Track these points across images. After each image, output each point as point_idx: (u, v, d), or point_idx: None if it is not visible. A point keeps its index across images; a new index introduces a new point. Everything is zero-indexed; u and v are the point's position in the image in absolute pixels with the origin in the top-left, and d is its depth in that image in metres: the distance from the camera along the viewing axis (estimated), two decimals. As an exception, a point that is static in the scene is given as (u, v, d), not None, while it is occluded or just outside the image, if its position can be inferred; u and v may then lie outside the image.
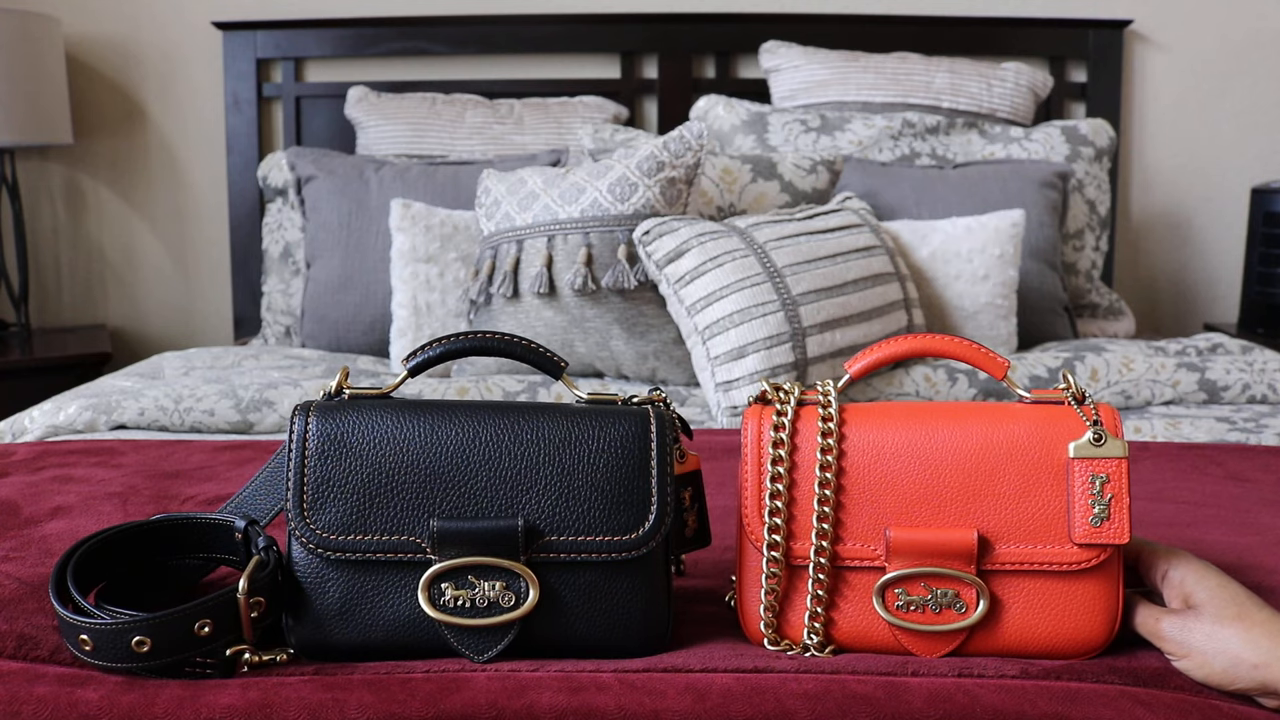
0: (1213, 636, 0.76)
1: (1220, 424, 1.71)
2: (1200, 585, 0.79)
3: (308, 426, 0.81)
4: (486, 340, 0.88)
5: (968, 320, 2.04)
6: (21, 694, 0.71)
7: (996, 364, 0.85)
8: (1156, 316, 3.03)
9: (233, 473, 1.36)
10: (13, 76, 2.53)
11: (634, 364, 1.91)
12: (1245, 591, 0.78)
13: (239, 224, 2.85)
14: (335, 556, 0.79)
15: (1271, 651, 0.74)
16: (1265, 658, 0.74)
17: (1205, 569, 0.80)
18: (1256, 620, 0.76)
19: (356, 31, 2.81)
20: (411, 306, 2.07)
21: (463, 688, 0.73)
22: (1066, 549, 0.79)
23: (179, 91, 2.91)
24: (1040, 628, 0.80)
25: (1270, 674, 0.74)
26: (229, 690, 0.72)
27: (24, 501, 1.19)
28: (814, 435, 0.82)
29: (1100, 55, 2.85)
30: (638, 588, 0.80)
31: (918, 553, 0.79)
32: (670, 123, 2.79)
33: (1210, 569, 0.81)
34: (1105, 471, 0.79)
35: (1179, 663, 0.78)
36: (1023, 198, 2.29)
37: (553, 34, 2.82)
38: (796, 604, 0.82)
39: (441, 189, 2.32)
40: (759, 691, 0.73)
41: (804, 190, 2.17)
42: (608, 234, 1.87)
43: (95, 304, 3.01)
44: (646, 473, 0.81)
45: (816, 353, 1.72)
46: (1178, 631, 0.78)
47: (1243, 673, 0.75)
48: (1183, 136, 2.95)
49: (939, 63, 2.68)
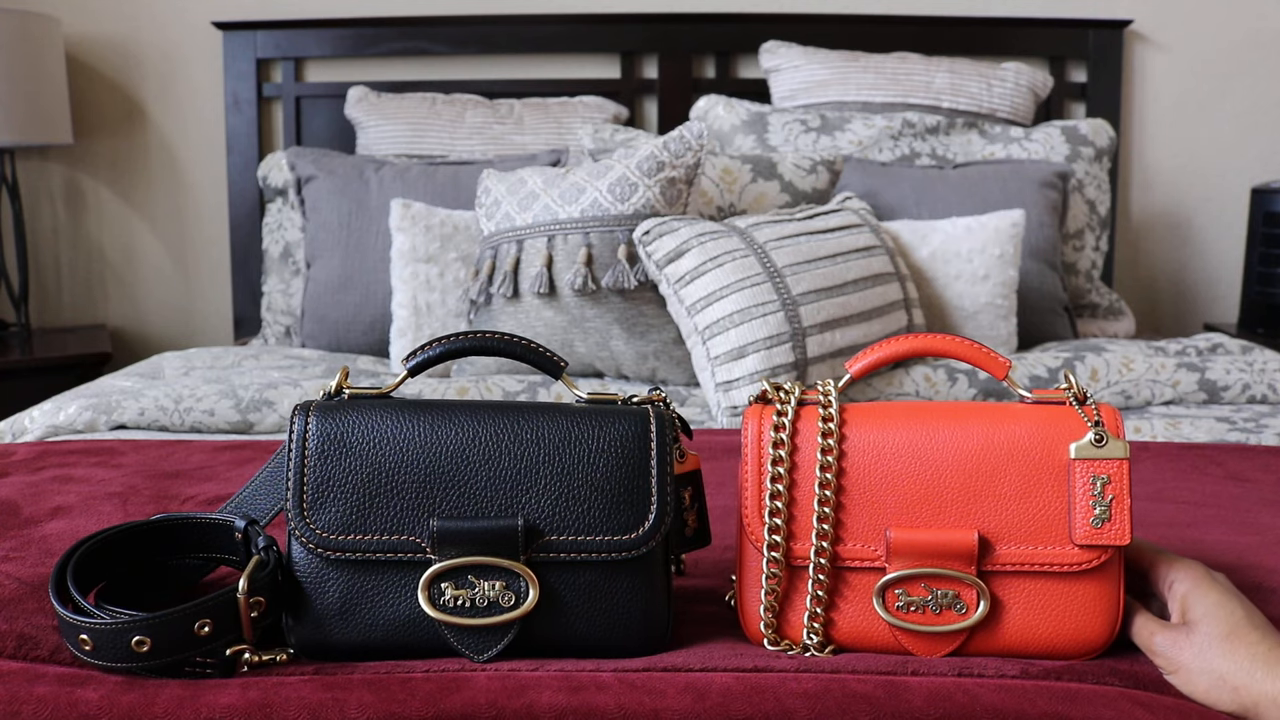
0: (1200, 655, 0.75)
1: (1220, 424, 1.71)
2: (1199, 601, 0.77)
3: (307, 426, 0.81)
4: (486, 340, 0.88)
5: (968, 320, 2.04)
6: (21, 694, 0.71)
7: (998, 364, 0.85)
8: (1156, 316, 3.03)
9: (233, 473, 1.36)
10: (13, 76, 2.53)
11: (634, 364, 1.91)
12: (1246, 611, 0.76)
13: (239, 224, 2.85)
14: (335, 556, 0.79)
15: (1253, 675, 0.72)
16: (1246, 681, 0.72)
17: (1208, 585, 0.79)
18: (1246, 642, 0.74)
19: (356, 31, 2.81)
20: (411, 306, 2.07)
21: (463, 687, 0.73)
22: (1067, 550, 0.79)
23: (179, 91, 2.91)
24: (1040, 629, 0.80)
25: (1249, 697, 0.72)
26: (229, 690, 0.72)
27: (24, 501, 1.19)
28: (814, 435, 0.82)
29: (1100, 55, 2.85)
30: (638, 587, 0.80)
31: (918, 553, 0.79)
32: (670, 123, 2.79)
33: (1213, 584, 0.79)
34: (1106, 472, 0.79)
35: (1169, 677, 0.77)
36: (1023, 198, 2.28)
37: (553, 34, 2.82)
38: (796, 604, 0.82)
39: (441, 189, 2.32)
40: (759, 691, 0.73)
41: (804, 190, 2.17)
42: (608, 234, 1.87)
43: (95, 304, 3.01)
44: (646, 472, 0.81)
45: (816, 353, 1.72)
46: (1168, 647, 0.77)
47: (1224, 695, 0.73)
48: (1183, 136, 2.95)
49: (939, 63, 2.67)
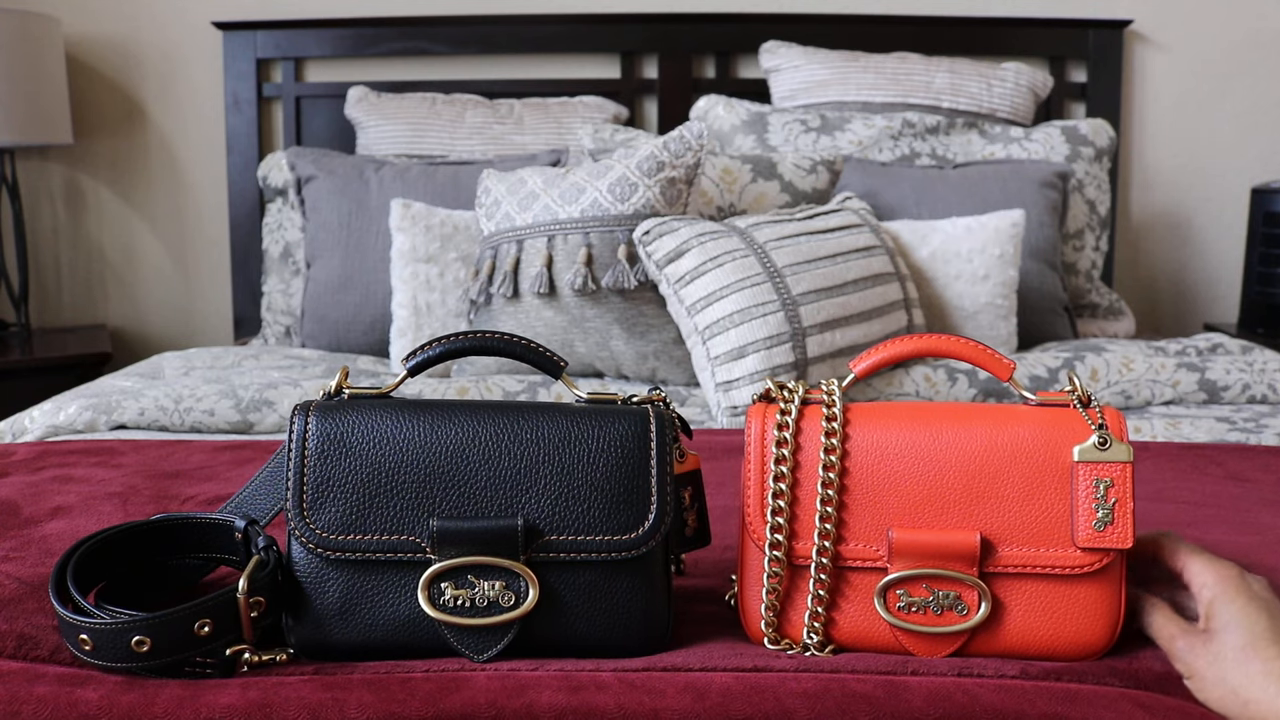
0: (1215, 663, 0.74)
1: (1220, 424, 1.71)
2: (1224, 609, 0.76)
3: (307, 426, 0.81)
4: (486, 340, 0.87)
5: (968, 320, 2.04)
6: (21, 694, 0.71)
7: (1002, 365, 0.84)
8: (1156, 316, 3.03)
9: (233, 473, 1.36)
10: (13, 76, 2.53)
11: (634, 364, 1.91)
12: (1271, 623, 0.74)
13: (239, 224, 2.85)
14: (335, 556, 0.79)
15: (1265, 690, 0.70)
16: (1258, 696, 0.71)
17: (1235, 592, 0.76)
18: (1263, 657, 0.72)
19: (356, 31, 2.81)
20: (411, 306, 2.07)
21: (462, 687, 0.73)
22: (1069, 552, 0.79)
23: (179, 91, 2.91)
24: (1041, 631, 0.80)
25: (1259, 713, 0.70)
26: (229, 690, 0.72)
27: (24, 501, 1.19)
28: (818, 435, 0.82)
29: (1100, 55, 2.85)
30: (638, 587, 0.80)
31: (920, 554, 0.79)
32: (670, 123, 2.79)
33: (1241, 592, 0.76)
34: (1109, 475, 0.78)
35: (1186, 682, 0.76)
36: (1023, 198, 2.28)
37: (553, 34, 2.82)
38: (798, 603, 0.81)
39: (441, 189, 2.31)
40: (758, 690, 0.73)
41: (804, 190, 2.17)
42: (608, 234, 1.87)
43: (95, 304, 3.01)
44: (646, 472, 0.80)
45: (816, 353, 1.72)
46: (1186, 652, 0.76)
47: (1234, 708, 0.72)
48: (1183, 136, 2.95)
49: (939, 63, 2.67)
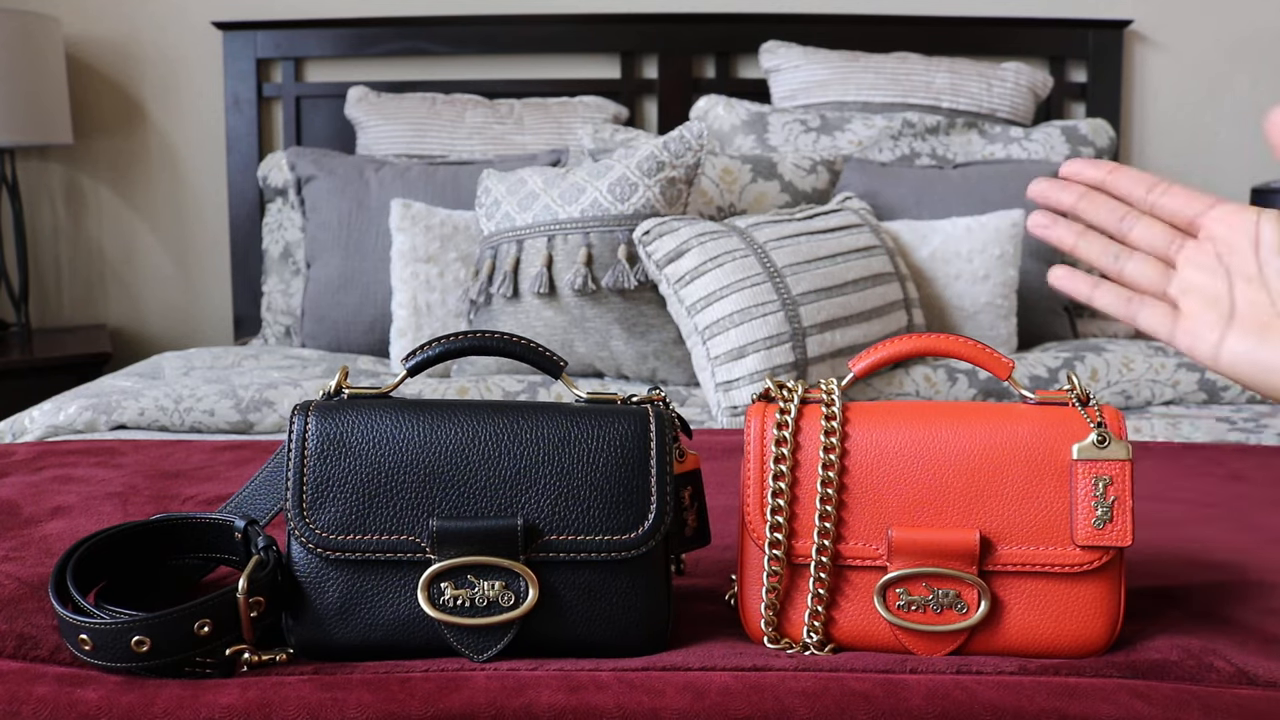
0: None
1: (1220, 424, 1.71)
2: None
3: (307, 426, 0.81)
4: (486, 340, 0.87)
5: (968, 320, 2.04)
6: (21, 694, 0.71)
7: (1001, 364, 0.84)
8: (1157, 317, 3.03)
9: (233, 473, 1.36)
10: (13, 76, 2.53)
11: (634, 364, 1.91)
12: None
13: (239, 224, 2.85)
14: (335, 556, 0.78)
15: None
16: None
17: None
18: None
19: (356, 31, 2.81)
20: (411, 306, 2.07)
21: (462, 687, 0.73)
22: (1069, 551, 0.79)
23: (179, 91, 2.91)
24: (1041, 629, 0.80)
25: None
26: (228, 690, 0.72)
27: (24, 501, 1.19)
28: (817, 434, 0.82)
29: (1100, 55, 2.85)
30: (637, 587, 0.80)
31: (919, 553, 0.79)
32: (670, 123, 2.79)
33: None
34: (1109, 474, 0.79)
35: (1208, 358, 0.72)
36: (1023, 198, 2.28)
37: (553, 34, 2.82)
38: (797, 602, 0.81)
39: (441, 189, 2.31)
40: (758, 689, 0.73)
41: (804, 190, 2.17)
42: (608, 234, 1.87)
43: (95, 304, 3.01)
44: (646, 472, 0.80)
45: (816, 353, 1.72)
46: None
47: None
48: (1183, 136, 2.95)
49: (939, 63, 2.67)
